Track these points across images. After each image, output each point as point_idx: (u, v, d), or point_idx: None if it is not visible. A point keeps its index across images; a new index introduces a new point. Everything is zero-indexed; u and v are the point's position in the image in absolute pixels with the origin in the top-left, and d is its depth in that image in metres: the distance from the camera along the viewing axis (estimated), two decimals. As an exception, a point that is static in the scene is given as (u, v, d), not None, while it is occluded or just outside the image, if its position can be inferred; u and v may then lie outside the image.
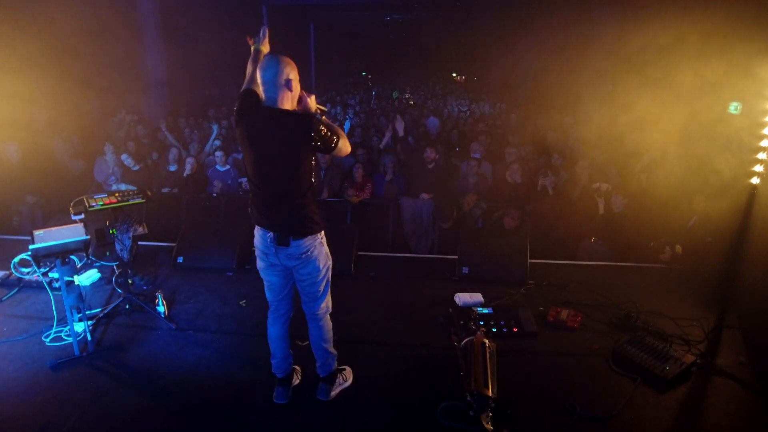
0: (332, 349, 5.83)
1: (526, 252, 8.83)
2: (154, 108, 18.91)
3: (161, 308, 7.38)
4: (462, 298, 7.88)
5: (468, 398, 5.36)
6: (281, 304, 5.73)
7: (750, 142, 7.57)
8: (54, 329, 6.92)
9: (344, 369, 6.15)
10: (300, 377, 6.15)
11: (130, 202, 7.38)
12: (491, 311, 7.41)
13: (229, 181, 12.64)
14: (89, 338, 6.56)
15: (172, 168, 13.09)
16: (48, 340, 6.82)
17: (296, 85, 5.05)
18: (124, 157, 12.60)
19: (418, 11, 37.66)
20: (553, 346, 6.84)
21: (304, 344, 6.31)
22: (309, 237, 5.20)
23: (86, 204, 7.01)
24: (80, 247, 6.47)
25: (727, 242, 7.94)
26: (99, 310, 7.52)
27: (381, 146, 13.57)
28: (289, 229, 5.18)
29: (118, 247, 7.29)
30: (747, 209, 7.40)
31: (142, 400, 5.78)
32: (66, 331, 6.87)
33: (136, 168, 12.65)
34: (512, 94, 26.10)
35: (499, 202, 11.18)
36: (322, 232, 5.36)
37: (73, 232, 6.49)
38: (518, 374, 6.19)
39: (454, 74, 52.39)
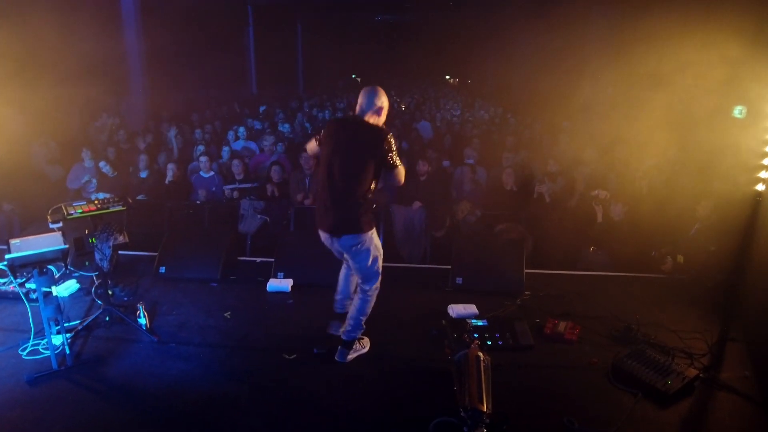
0: (363, 323, 6.82)
1: (522, 262, 8.85)
2: (135, 112, 18.90)
3: (143, 320, 7.36)
4: (456, 309, 7.90)
5: (462, 414, 5.36)
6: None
7: (755, 147, 7.57)
8: (31, 342, 6.90)
9: (362, 338, 7.04)
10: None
11: (110, 209, 7.38)
12: (486, 323, 7.39)
13: (214, 188, 12.56)
14: (68, 351, 6.54)
15: (143, 174, 13.03)
16: (25, 353, 6.80)
17: (384, 114, 6.50)
18: (102, 164, 12.55)
19: (410, 11, 37.76)
20: (551, 359, 6.85)
21: (291, 357, 6.33)
22: (360, 234, 6.36)
23: (65, 212, 7.01)
24: (58, 257, 6.46)
25: (730, 251, 7.84)
26: (78, 322, 7.49)
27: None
28: (344, 225, 6.35)
29: (97, 256, 7.28)
30: (752, 217, 7.32)
31: (122, 415, 5.77)
32: (43, 344, 6.84)
33: (114, 175, 12.61)
34: (508, 98, 26.09)
35: (494, 210, 11.19)
36: (373, 230, 6.53)
37: (50, 241, 6.48)
38: (514, 389, 6.20)
39: (448, 77, 52.45)
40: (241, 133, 16.19)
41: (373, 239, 6.54)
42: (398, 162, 6.37)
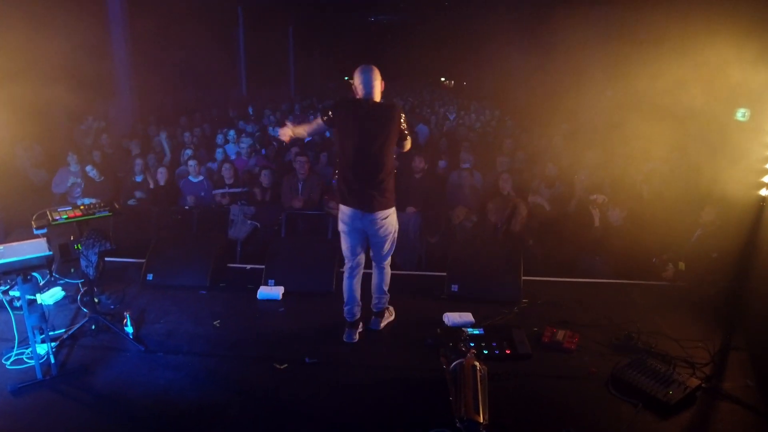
0: (387, 291, 7.73)
1: (519, 268, 8.82)
2: (121, 115, 18.87)
3: (129, 329, 7.33)
4: (451, 317, 7.89)
5: (458, 425, 5.35)
6: (356, 261, 7.48)
7: (758, 150, 7.56)
8: (15, 351, 6.89)
9: (389, 307, 7.97)
10: (363, 328, 7.70)
11: (97, 215, 7.35)
12: (482, 332, 7.37)
13: (203, 193, 12.56)
14: (53, 361, 6.52)
15: (138, 179, 12.98)
16: (8, 362, 6.78)
17: (381, 88, 7.03)
18: (88, 168, 12.52)
19: (404, 12, 37.77)
20: (549, 368, 6.83)
21: (282, 367, 6.32)
22: (389, 208, 7.15)
23: (50, 217, 6.99)
24: (43, 264, 6.44)
25: (733, 258, 7.87)
26: (63, 330, 7.46)
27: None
28: (376, 202, 6.99)
29: (83, 263, 7.27)
30: (755, 222, 7.32)
31: (109, 426, 5.76)
32: (28, 354, 6.83)
33: (101, 180, 12.58)
34: (506, 100, 26.08)
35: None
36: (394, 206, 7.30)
37: (35, 248, 6.47)
38: (511, 399, 6.19)
39: (443, 79, 52.52)
40: (231, 136, 16.15)
41: (395, 213, 7.34)
42: (407, 131, 7.13)
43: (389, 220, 7.19)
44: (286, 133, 7.38)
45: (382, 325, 7.81)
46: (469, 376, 5.80)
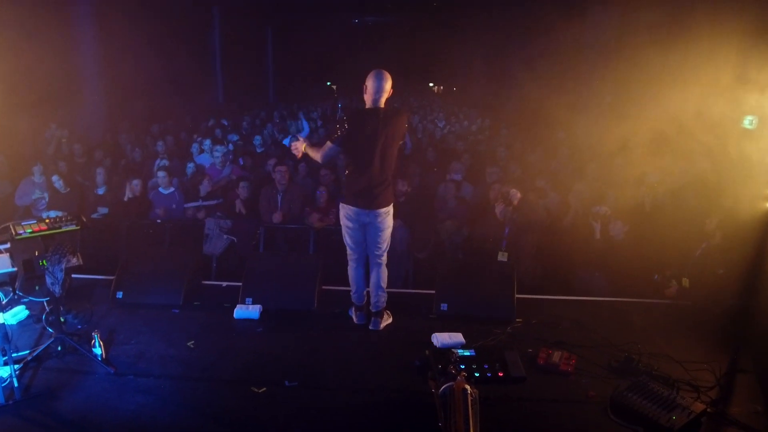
0: (385, 290, 8.37)
1: (513, 286, 8.84)
2: (90, 123, 18.80)
3: (98, 350, 7.29)
4: (440, 338, 7.87)
5: (448, 452, 5.36)
6: (361, 253, 8.36)
7: (766, 160, 7.58)
8: (-25, 374, 6.87)
9: (387, 309, 8.55)
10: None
11: (63, 229, 7.34)
12: (473, 353, 7.37)
13: (174, 206, 12.50)
14: (16, 384, 6.50)
15: (100, 191, 12.98)
16: (-32, 386, 6.76)
17: (390, 93, 7.80)
18: (54, 178, 12.48)
19: (390, 13, 37.81)
20: (544, 392, 6.84)
21: (260, 390, 6.33)
22: (390, 205, 8.08)
23: (13, 231, 6.98)
24: (6, 281, 6.45)
25: (741, 274, 7.81)
26: (27, 352, 7.43)
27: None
28: (381, 199, 7.92)
29: (49, 280, 7.24)
30: (763, 236, 7.31)
31: (75, 454, 5.75)
32: (-12, 377, 6.82)
33: (66, 191, 12.55)
34: (498, 107, 26.07)
35: (482, 229, 11.16)
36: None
37: (-3, 264, 6.46)
38: (504, 425, 6.21)
39: (431, 84, 52.61)
40: (206, 145, 16.09)
41: (392, 210, 8.20)
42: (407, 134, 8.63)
43: (389, 214, 8.10)
44: (299, 148, 8.16)
45: (382, 325, 8.41)
46: (459, 401, 5.80)
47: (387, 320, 8.52)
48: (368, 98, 7.78)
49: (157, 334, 8.13)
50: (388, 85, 7.73)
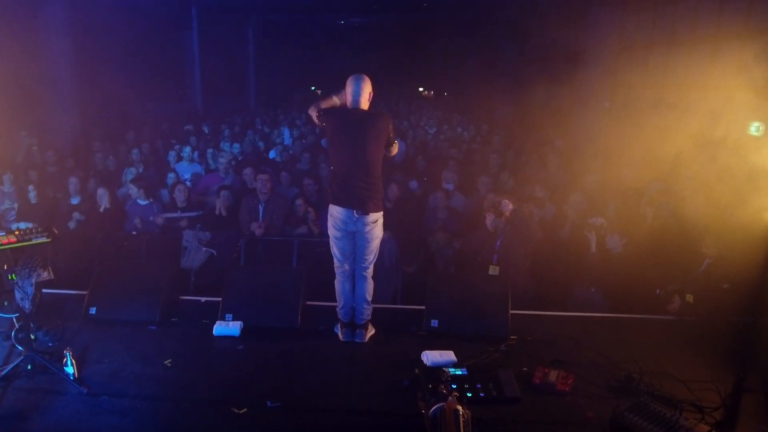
0: (370, 302, 8.56)
1: (507, 301, 8.82)
2: (62, 130, 18.74)
3: (70, 369, 7.25)
4: (431, 356, 7.86)
5: (438, 476, 5.38)
6: (348, 265, 8.48)
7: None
8: (-61, 395, 6.86)
9: (370, 322, 8.71)
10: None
11: (33, 241, 7.36)
12: (466, 372, 7.37)
13: (151, 217, 12.43)
14: (-18, 405, 6.51)
15: (74, 201, 12.96)
16: (-67, 407, 6.75)
17: (370, 98, 8.18)
18: (30, 188, 12.45)
19: (378, 14, 37.80)
20: (540, 413, 6.85)
21: (241, 411, 6.34)
22: (380, 211, 8.26)
23: (-21, 244, 6.99)
24: (-28, 296, 6.43)
25: (747, 289, 7.73)
26: (-6, 371, 7.43)
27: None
28: (371, 204, 8.10)
29: (18, 295, 7.23)
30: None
31: (46, 479, 5.75)
32: (-46, 397, 6.81)
33: (36, 202, 12.52)
34: (492, 113, 26.06)
35: (474, 241, 11.16)
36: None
37: (-37, 278, 6.46)
38: (498, 448, 6.23)
39: (421, 89, 52.62)
40: (185, 153, 16.05)
41: (382, 220, 8.40)
42: (394, 137, 8.39)
43: (378, 224, 8.29)
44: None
45: (367, 337, 8.59)
46: (450, 422, 5.81)
47: (371, 332, 8.69)
48: (348, 100, 8.16)
49: (132, 352, 8.10)
50: (367, 86, 8.11)
